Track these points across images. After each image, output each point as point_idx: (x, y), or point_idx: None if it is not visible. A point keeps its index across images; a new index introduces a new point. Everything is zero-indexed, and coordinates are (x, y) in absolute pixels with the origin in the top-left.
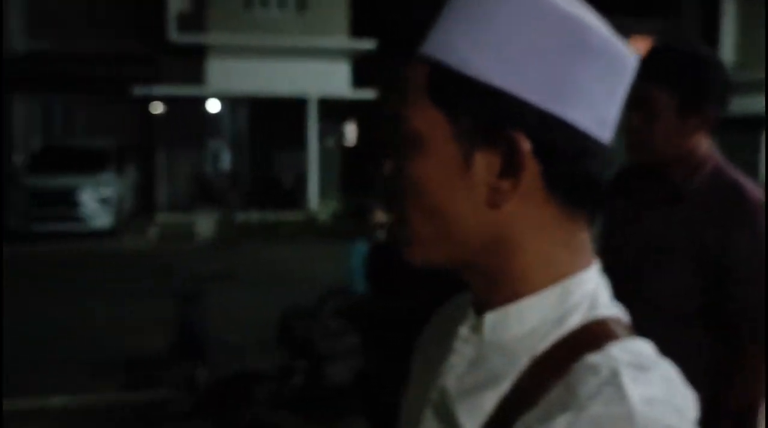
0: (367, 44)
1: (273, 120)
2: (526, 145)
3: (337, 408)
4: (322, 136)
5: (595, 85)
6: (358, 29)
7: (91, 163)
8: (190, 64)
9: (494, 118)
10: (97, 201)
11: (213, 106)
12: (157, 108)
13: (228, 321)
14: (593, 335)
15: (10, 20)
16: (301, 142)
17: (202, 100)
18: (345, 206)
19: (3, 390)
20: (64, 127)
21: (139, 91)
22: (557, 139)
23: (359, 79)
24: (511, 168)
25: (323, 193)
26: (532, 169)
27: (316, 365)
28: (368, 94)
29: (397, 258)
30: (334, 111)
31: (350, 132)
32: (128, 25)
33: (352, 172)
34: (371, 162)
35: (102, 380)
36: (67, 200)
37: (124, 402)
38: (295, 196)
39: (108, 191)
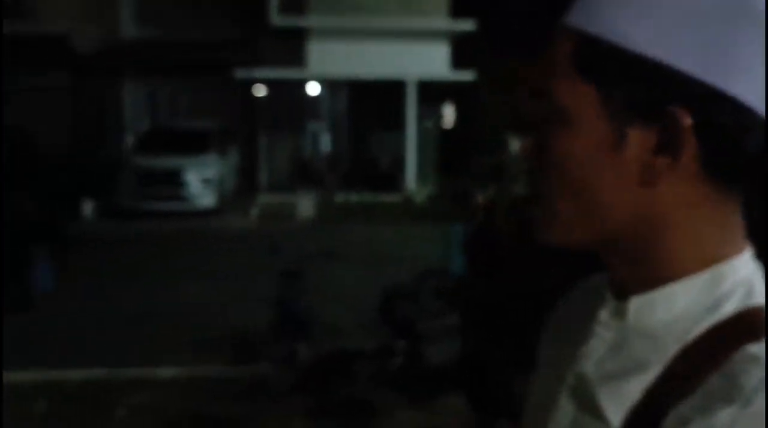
0: (467, 25)
1: (372, 102)
2: (687, 121)
3: (436, 388)
4: (420, 118)
5: (757, 55)
6: (457, 10)
7: (195, 145)
8: (291, 46)
9: (652, 93)
10: (200, 181)
11: (313, 88)
12: (259, 91)
13: (328, 299)
14: (751, 324)
15: (121, 9)
16: (399, 124)
17: (302, 83)
18: (441, 188)
19: (114, 361)
20: (169, 110)
21: (240, 74)
22: (719, 115)
23: (458, 60)
24: (669, 145)
25: (420, 175)
26: (690, 146)
27: (415, 345)
28: (467, 75)
29: (498, 240)
30: (432, 93)
31: (448, 114)
32: (231, 11)
33: (449, 155)
34: (470, 145)
35: (207, 354)
36: (173, 180)
37: (228, 376)
38: (393, 178)
39: (211, 172)
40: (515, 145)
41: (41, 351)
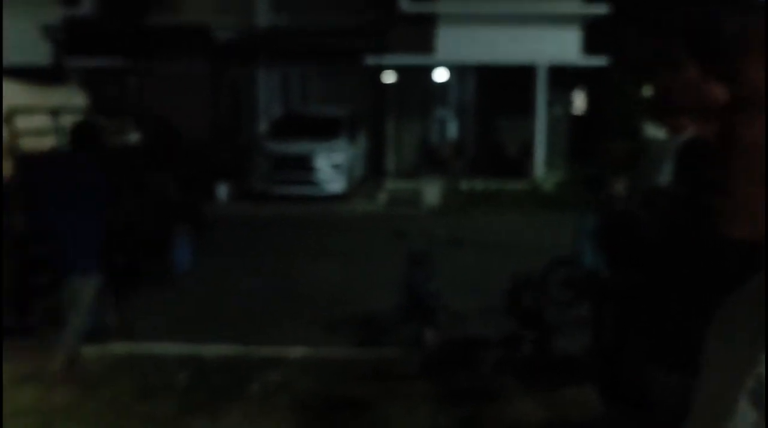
0: (600, 9)
1: (500, 88)
2: None
3: (562, 379)
4: (550, 103)
5: None
6: None
7: (325, 131)
8: (421, 33)
9: None
10: (330, 166)
11: (440, 74)
12: (388, 77)
13: (454, 285)
14: None
15: None
16: (527, 111)
17: (430, 69)
18: (570, 176)
19: (248, 338)
20: (301, 96)
21: (371, 61)
22: None
23: (590, 45)
24: None
25: (549, 162)
26: None
27: (542, 335)
28: (599, 60)
29: (636, 230)
30: (562, 78)
31: (579, 100)
32: None
33: (579, 142)
34: (601, 131)
35: (335, 335)
36: (304, 165)
37: (355, 357)
38: (520, 165)
39: (340, 157)
40: (651, 131)
41: (181, 326)
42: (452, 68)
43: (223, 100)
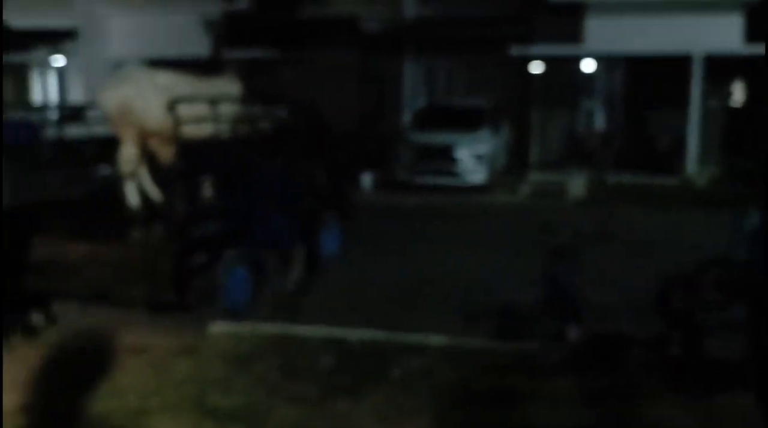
0: None
1: (650, 79)
2: None
3: (715, 384)
4: (706, 95)
5: None
6: None
7: (468, 122)
8: (568, 23)
9: None
10: (472, 157)
11: (587, 65)
12: (535, 68)
13: (599, 281)
14: None
15: None
16: (679, 103)
17: (577, 60)
18: (725, 172)
19: (389, 323)
20: (446, 87)
21: (516, 50)
22: None
23: (753, 32)
24: None
25: (702, 157)
26: None
27: (693, 337)
28: (762, 49)
29: None
30: (720, 68)
31: (738, 91)
32: None
33: (737, 136)
34: (763, 125)
35: (475, 325)
36: (446, 156)
37: (496, 350)
38: (671, 159)
39: (483, 148)
40: None
41: (326, 309)
42: (600, 58)
43: (369, 91)
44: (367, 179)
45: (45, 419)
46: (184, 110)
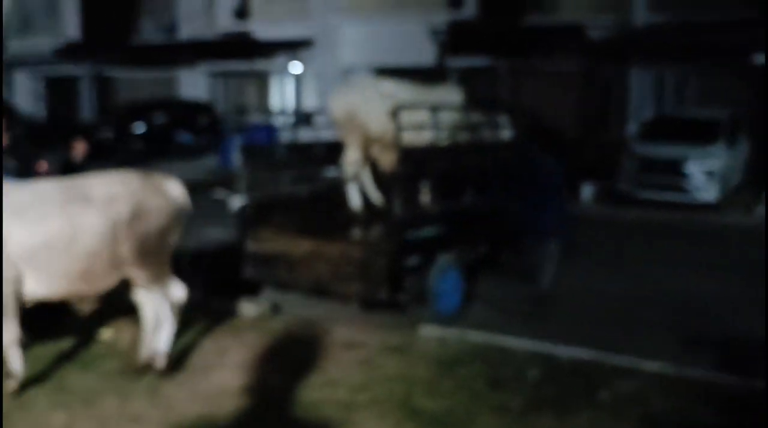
0: None
1: None
2: None
3: None
4: None
5: None
6: None
7: (701, 135)
8: None
9: None
10: (703, 173)
11: None
12: None
13: None
14: None
15: None
16: None
17: None
18: None
19: (602, 344)
20: (676, 97)
21: (757, 59)
22: None
23: None
24: None
25: None
26: None
27: None
28: None
29: None
30: None
31: None
32: None
33: None
34: None
35: (695, 354)
36: (674, 170)
37: (716, 382)
38: None
39: (716, 164)
40: None
41: (535, 321)
42: None
43: (593, 99)
44: (588, 190)
45: (262, 401)
46: (406, 117)
